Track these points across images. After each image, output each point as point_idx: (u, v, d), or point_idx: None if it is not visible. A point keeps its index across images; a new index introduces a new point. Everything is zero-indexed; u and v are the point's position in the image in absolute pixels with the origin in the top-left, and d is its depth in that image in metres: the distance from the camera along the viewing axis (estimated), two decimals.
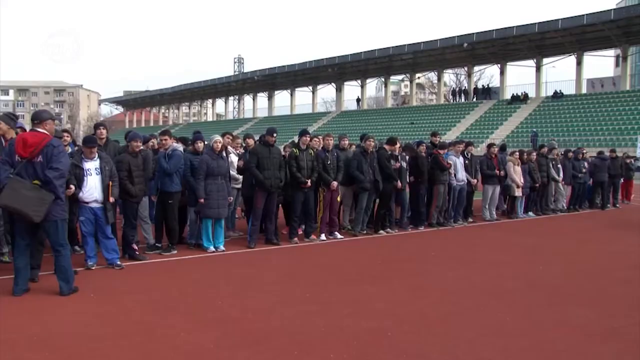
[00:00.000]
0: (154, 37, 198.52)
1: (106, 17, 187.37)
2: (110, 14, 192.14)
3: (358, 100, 63.94)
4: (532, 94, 48.93)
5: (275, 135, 10.10)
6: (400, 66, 58.73)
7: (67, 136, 9.68)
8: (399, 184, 11.66)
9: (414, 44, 51.21)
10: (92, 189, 7.90)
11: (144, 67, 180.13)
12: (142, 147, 8.92)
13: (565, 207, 16.76)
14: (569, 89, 47.34)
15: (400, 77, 67.54)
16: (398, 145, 11.92)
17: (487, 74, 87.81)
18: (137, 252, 8.76)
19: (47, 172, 6.37)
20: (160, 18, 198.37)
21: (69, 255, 6.81)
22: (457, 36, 48.25)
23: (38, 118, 6.68)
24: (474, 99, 53.79)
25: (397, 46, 52.74)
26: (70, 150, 8.74)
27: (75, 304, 6.40)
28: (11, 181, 6.36)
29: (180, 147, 9.71)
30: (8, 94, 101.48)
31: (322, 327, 5.66)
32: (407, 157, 12.29)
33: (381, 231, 11.68)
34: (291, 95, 67.30)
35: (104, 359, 4.78)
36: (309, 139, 10.51)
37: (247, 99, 75.13)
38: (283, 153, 10.60)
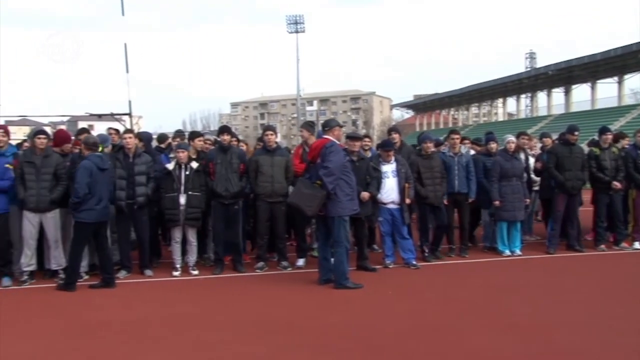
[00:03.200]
0: (441, 39, 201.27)
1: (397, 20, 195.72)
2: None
3: None
4: None
5: (576, 133, 9.31)
6: None
7: (369, 140, 10.21)
8: None
9: None
10: (390, 191, 8.26)
11: (433, 71, 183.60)
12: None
13: None
14: None
15: None
16: None
17: None
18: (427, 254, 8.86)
19: (319, 171, 7.03)
20: (447, 17, 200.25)
21: (343, 252, 7.20)
22: None
23: (327, 125, 7.57)
24: None
25: None
26: (370, 154, 9.24)
27: (374, 300, 6.77)
28: (298, 182, 7.49)
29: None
30: (312, 105, 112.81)
31: None
32: None
33: None
34: (592, 88, 61.71)
35: (402, 354, 4.92)
36: (610, 137, 9.48)
37: (541, 96, 71.24)
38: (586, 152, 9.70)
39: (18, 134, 9.73)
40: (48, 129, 9.34)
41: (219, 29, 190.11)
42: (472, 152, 9.68)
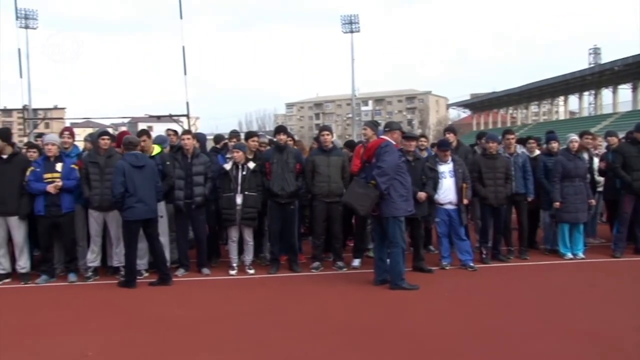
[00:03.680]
0: (498, 36, 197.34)
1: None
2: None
3: None
4: None
5: None
6: None
7: (425, 140, 10.06)
8: None
9: None
10: (447, 191, 8.14)
11: (490, 69, 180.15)
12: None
13: None
14: None
15: None
16: None
17: None
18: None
19: (373, 171, 7.04)
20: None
21: (399, 253, 7.11)
22: None
23: (389, 127, 7.55)
24: None
25: None
26: (427, 154, 9.13)
27: (430, 302, 6.69)
28: (352, 181, 7.58)
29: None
30: (367, 105, 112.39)
31: None
32: None
33: None
34: None
35: (458, 358, 4.83)
36: None
37: (606, 93, 68.70)
38: None
39: (82, 136, 10.12)
40: (110, 130, 9.64)
41: (275, 31, 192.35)
42: (538, 151, 9.39)
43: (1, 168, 7.61)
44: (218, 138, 10.59)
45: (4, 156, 7.67)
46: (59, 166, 7.58)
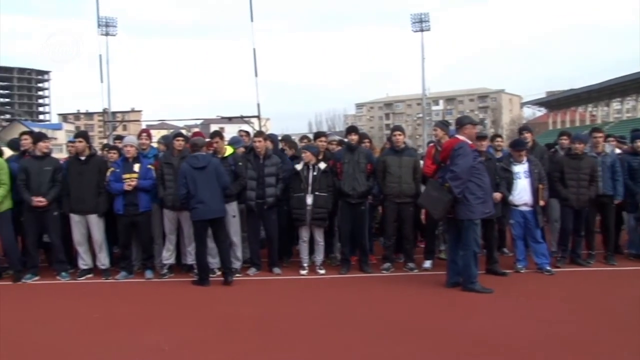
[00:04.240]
0: (575, 31, 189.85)
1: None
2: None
3: None
4: None
5: None
6: None
7: (501, 140, 9.78)
8: None
9: None
10: (522, 192, 7.88)
11: (567, 65, 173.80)
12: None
13: None
14: None
15: None
16: None
17: None
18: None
19: (446, 174, 6.90)
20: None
21: (470, 255, 6.93)
22: None
23: (459, 123, 7.29)
24: None
25: None
26: (501, 155, 8.88)
27: (504, 306, 6.51)
28: (428, 183, 7.42)
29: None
30: (438, 104, 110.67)
31: None
32: None
33: None
34: None
35: None
36: None
37: None
38: None
39: (157, 137, 10.54)
40: (183, 132, 9.93)
41: (344, 31, 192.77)
42: (618, 150, 8.96)
43: (80, 169, 7.98)
44: (287, 139, 10.61)
45: (82, 157, 8.03)
46: (136, 167, 7.87)
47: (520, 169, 7.95)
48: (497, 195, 7.63)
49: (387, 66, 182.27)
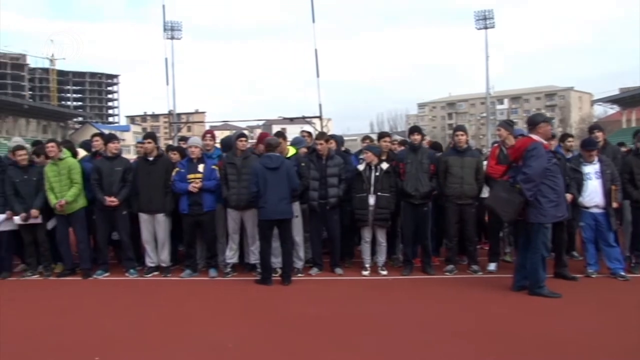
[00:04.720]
0: None
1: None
2: None
3: None
4: None
5: None
6: None
7: (572, 140, 9.44)
8: None
9: None
10: (593, 194, 7.58)
11: None
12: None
13: None
14: None
15: None
16: None
17: None
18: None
19: (518, 176, 6.63)
20: None
21: (538, 259, 6.70)
22: None
23: (531, 122, 6.96)
24: None
25: None
26: (573, 155, 8.56)
27: (574, 312, 6.28)
28: (497, 183, 7.09)
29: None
30: (503, 103, 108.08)
31: None
32: None
33: None
34: None
35: None
36: None
37: None
38: None
39: (220, 138, 10.74)
40: (246, 132, 10.09)
41: (406, 31, 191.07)
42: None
43: (148, 169, 8.22)
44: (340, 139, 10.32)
45: (150, 158, 8.27)
46: (201, 167, 8.03)
47: (591, 170, 7.64)
48: (568, 196, 7.35)
49: (450, 65, 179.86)
